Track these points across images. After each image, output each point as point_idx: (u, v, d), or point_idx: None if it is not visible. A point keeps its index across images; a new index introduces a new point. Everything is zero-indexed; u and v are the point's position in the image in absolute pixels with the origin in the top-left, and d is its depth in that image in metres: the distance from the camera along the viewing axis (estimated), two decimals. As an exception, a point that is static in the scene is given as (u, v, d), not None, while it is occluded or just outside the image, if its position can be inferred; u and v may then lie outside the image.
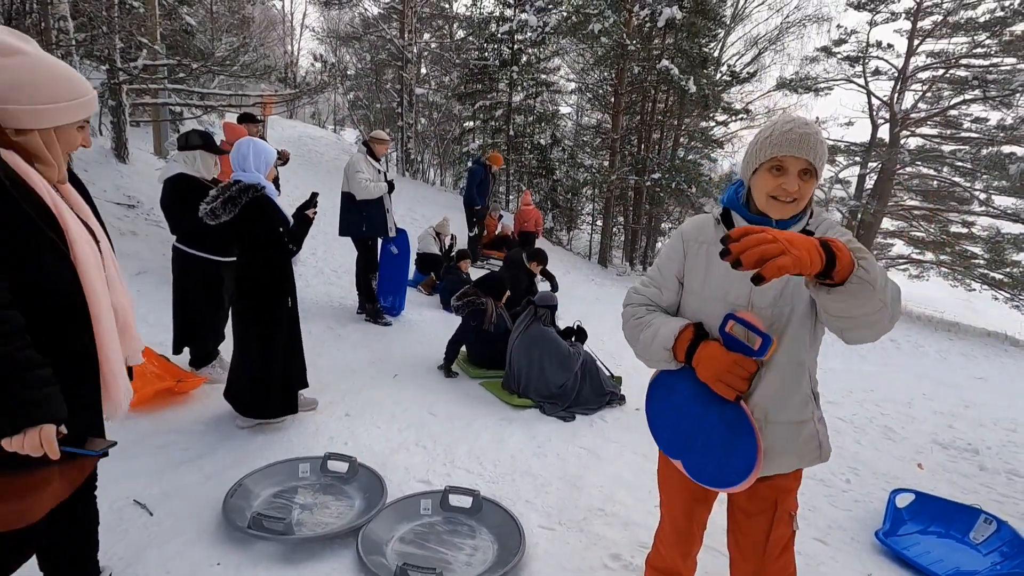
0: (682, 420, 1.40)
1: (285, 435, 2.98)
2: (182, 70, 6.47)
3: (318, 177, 11.81)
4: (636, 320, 1.49)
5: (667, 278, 1.48)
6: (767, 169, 1.28)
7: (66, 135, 1.24)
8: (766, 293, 1.30)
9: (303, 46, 27.37)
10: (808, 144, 1.23)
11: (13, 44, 1.13)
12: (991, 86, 15.92)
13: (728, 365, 1.26)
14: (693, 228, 1.46)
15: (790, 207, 1.28)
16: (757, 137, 1.32)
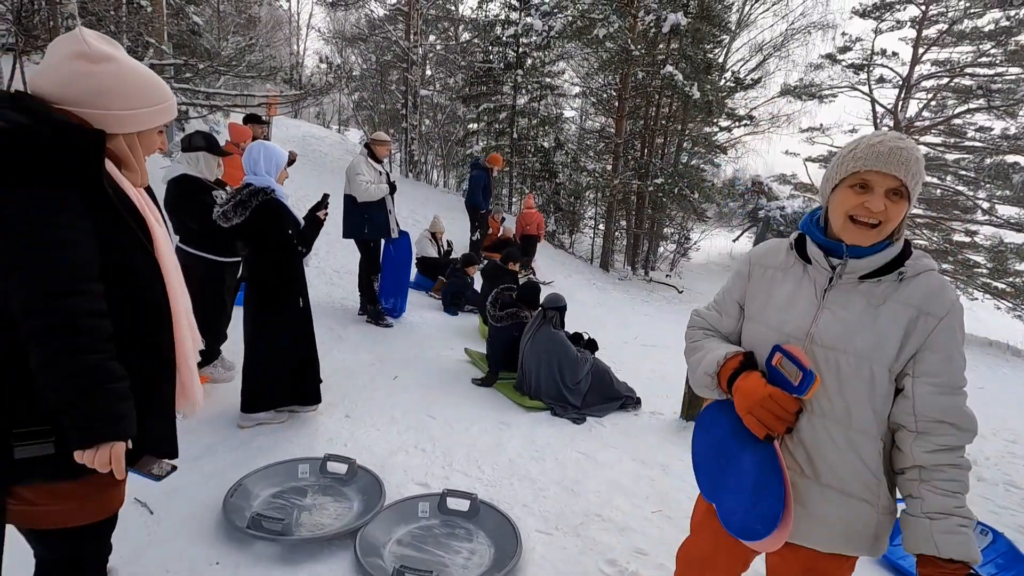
0: (719, 457, 1.28)
1: (285, 436, 3.00)
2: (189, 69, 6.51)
3: (322, 177, 11.84)
4: (691, 344, 1.41)
5: (728, 303, 1.39)
6: (849, 186, 1.13)
7: (148, 139, 1.26)
8: (829, 330, 1.16)
9: (309, 46, 27.40)
10: (899, 159, 1.07)
11: (104, 50, 1.14)
12: (996, 96, 15.92)
13: (762, 398, 1.13)
14: (763, 251, 1.36)
15: (872, 232, 1.11)
16: (840, 151, 1.18)
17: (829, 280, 1.19)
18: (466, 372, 4.47)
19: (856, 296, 1.17)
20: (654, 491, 2.96)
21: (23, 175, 1.00)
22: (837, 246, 1.17)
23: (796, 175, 20.37)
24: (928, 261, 1.18)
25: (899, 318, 1.12)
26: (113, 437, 1.08)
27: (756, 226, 20.77)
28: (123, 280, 1.15)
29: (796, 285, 1.25)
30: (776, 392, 1.12)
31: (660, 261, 16.72)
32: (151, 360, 1.21)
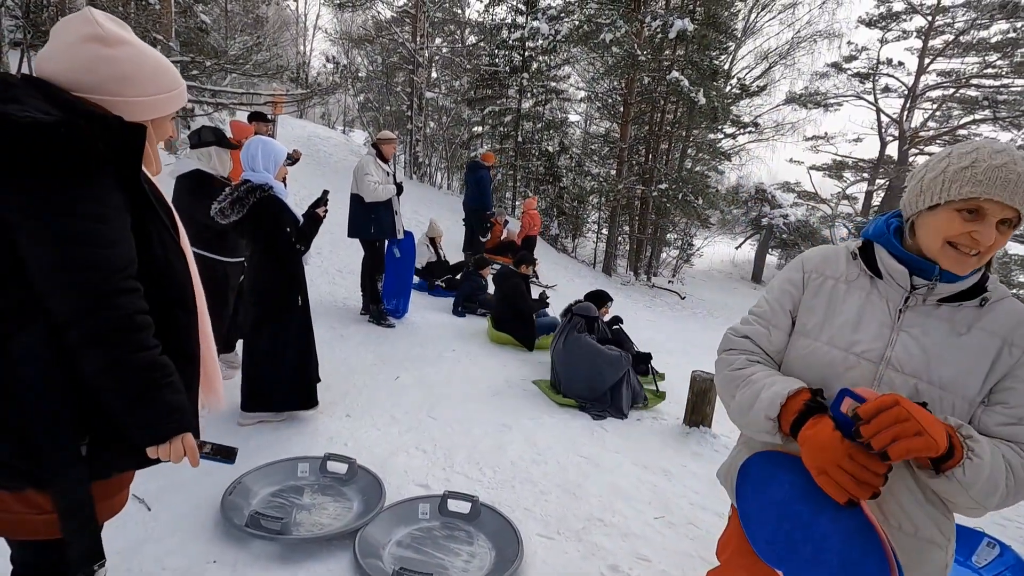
0: (783, 521, 1.05)
1: (285, 434, 2.97)
2: (196, 67, 6.52)
3: (325, 177, 11.86)
4: (733, 372, 1.17)
5: (779, 314, 1.19)
6: (956, 209, 0.98)
7: (162, 126, 1.23)
8: (910, 356, 1.03)
9: (315, 47, 27.51)
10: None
11: (119, 33, 1.10)
12: (1001, 107, 15.92)
13: (839, 457, 0.92)
14: (819, 258, 1.20)
15: (973, 260, 0.99)
16: (946, 163, 1.01)
17: (904, 299, 1.07)
18: (467, 373, 4.45)
19: (936, 320, 1.05)
20: (656, 497, 2.93)
21: (68, 171, 0.96)
22: (927, 266, 1.03)
23: (800, 183, 20.39)
24: (1003, 285, 1.08)
25: (987, 349, 1.01)
26: (184, 428, 1.10)
27: (759, 234, 20.78)
28: (160, 275, 1.13)
29: (864, 301, 1.11)
30: (857, 452, 0.91)
31: (663, 267, 16.69)
32: (182, 355, 1.19)
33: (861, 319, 1.09)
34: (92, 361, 1.00)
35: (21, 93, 0.97)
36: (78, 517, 1.08)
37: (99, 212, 1.00)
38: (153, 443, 1.08)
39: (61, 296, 0.98)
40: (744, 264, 21.75)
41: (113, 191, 1.03)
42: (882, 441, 0.86)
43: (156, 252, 1.13)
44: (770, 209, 19.67)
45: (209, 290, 3.46)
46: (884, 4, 17.63)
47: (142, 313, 1.05)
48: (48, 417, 1.01)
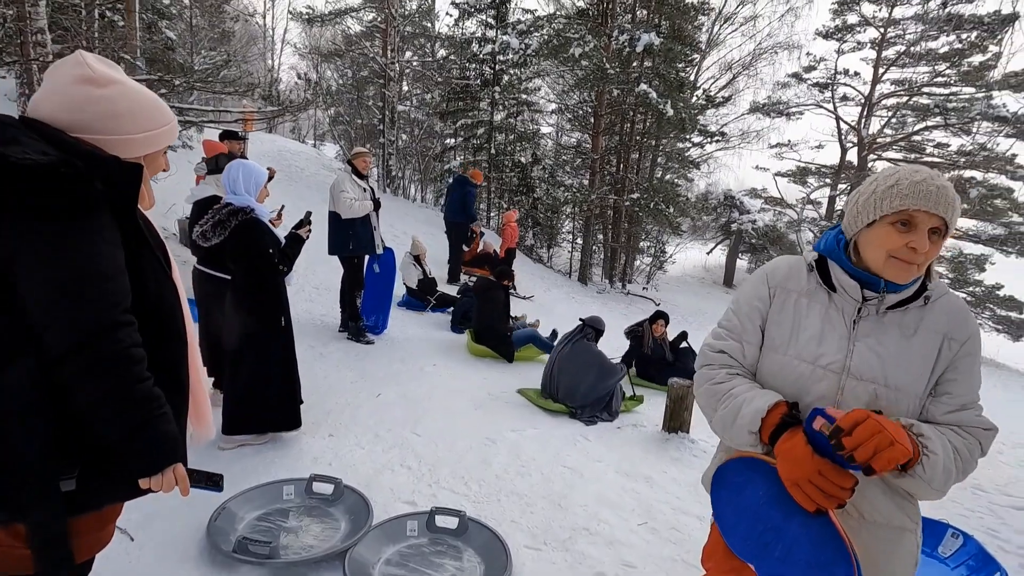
0: (756, 523, 1.12)
1: (268, 457, 2.95)
2: (163, 85, 6.43)
3: (297, 192, 11.75)
4: (714, 386, 1.23)
5: (750, 330, 1.24)
6: (891, 223, 1.08)
7: (155, 161, 1.25)
8: (867, 364, 1.12)
9: (284, 61, 27.24)
10: (946, 199, 1.05)
11: (108, 73, 1.13)
12: (951, 113, 16.68)
13: (810, 472, 1.00)
14: (783, 273, 1.25)
15: (914, 269, 1.09)
16: (874, 185, 1.12)
17: (857, 311, 1.16)
18: (449, 388, 4.46)
19: (887, 327, 1.14)
20: (639, 504, 3.00)
21: (67, 211, 0.99)
22: (874, 280, 1.13)
23: (766, 189, 20.95)
24: (942, 282, 1.19)
25: (930, 347, 1.12)
26: (175, 459, 1.12)
27: (729, 239, 21.27)
28: (154, 308, 1.16)
29: (824, 314, 1.18)
30: (826, 467, 0.99)
31: (637, 274, 16.95)
32: (174, 385, 1.22)
33: (823, 333, 1.17)
34: (90, 393, 1.02)
35: (19, 134, 1.00)
36: (52, 553, 1.08)
37: (96, 248, 1.02)
38: (147, 474, 1.09)
39: (58, 330, 0.99)
40: (716, 269, 22.21)
41: (109, 227, 1.06)
42: (865, 454, 0.93)
43: (149, 286, 1.15)
44: (739, 215, 20.17)
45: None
46: (839, 17, 18.37)
47: (137, 346, 1.07)
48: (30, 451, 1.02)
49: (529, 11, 15.20)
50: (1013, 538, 3.23)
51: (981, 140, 16.54)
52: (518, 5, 15.02)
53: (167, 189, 6.88)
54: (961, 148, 17.21)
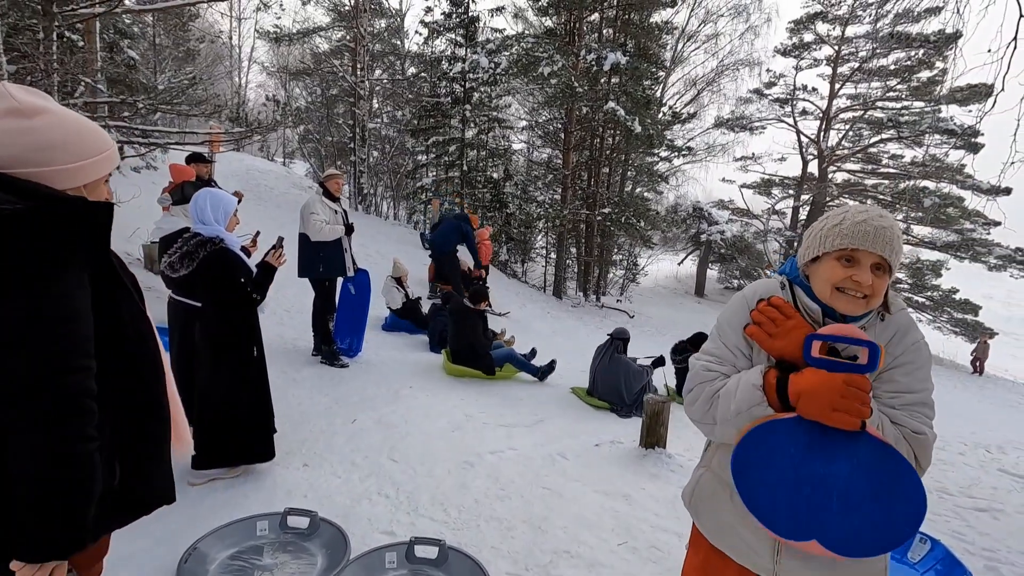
0: (800, 487, 1.07)
1: (240, 491, 2.87)
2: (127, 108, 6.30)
3: (267, 212, 11.59)
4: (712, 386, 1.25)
5: (739, 357, 1.28)
6: (835, 258, 1.16)
7: (96, 190, 1.19)
8: None
9: (251, 79, 26.99)
10: (884, 239, 1.12)
11: (35, 103, 1.08)
12: (904, 127, 17.46)
13: (840, 387, 1.01)
14: (761, 294, 1.30)
15: (862, 302, 1.14)
16: (824, 223, 1.21)
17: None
18: (426, 410, 4.42)
19: None
20: (618, 523, 3.00)
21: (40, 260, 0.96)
22: (830, 310, 1.18)
23: (733, 201, 21.53)
24: (901, 303, 1.25)
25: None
26: (70, 554, 1.01)
27: (699, 250, 21.73)
28: (131, 343, 1.14)
29: None
30: (848, 377, 1.02)
31: (610, 287, 17.14)
32: (156, 419, 1.21)
33: None
34: (22, 442, 0.95)
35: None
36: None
37: (63, 290, 0.99)
38: (31, 557, 0.97)
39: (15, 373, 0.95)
40: (687, 279, 22.62)
41: (78, 268, 1.03)
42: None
43: (125, 321, 1.13)
44: (707, 226, 20.65)
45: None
46: (796, 35, 19.15)
47: (92, 397, 1.02)
48: None
49: (498, 30, 15.42)
50: (977, 540, 3.33)
51: (933, 151, 17.34)
52: (487, 24, 15.23)
53: (131, 214, 6.72)
54: (914, 159, 18.01)
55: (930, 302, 17.48)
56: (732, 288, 22.28)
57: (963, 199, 16.74)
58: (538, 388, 5.67)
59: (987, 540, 3.33)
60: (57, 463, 0.97)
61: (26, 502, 0.97)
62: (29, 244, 0.95)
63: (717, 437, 1.28)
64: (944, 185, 17.05)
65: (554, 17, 14.46)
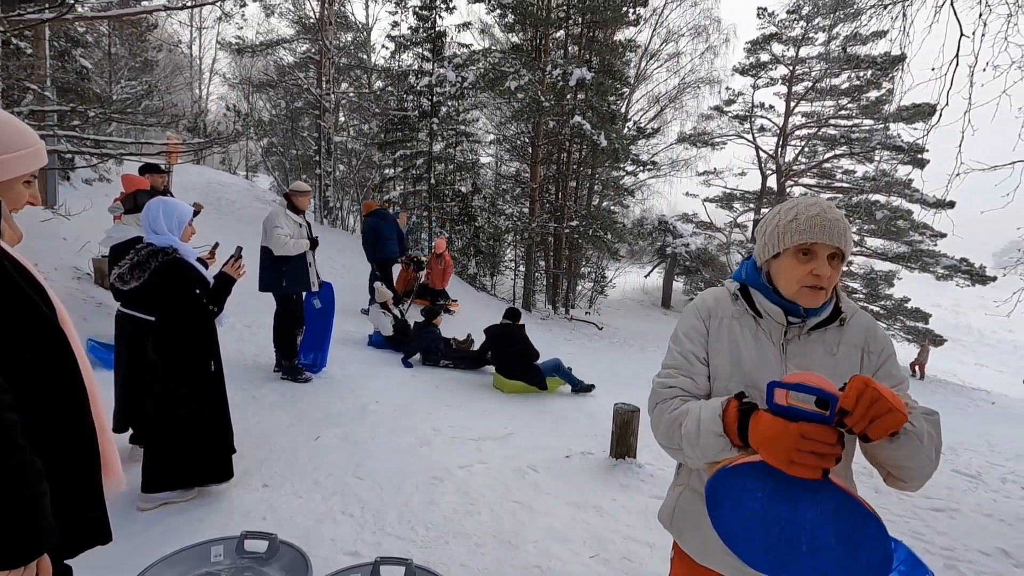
0: (771, 526, 1.06)
1: (194, 515, 2.72)
2: (77, 116, 6.04)
3: (229, 226, 11.27)
4: (671, 414, 1.21)
5: (695, 363, 1.27)
6: (793, 254, 1.20)
7: (11, 191, 1.09)
8: None
9: (212, 91, 26.39)
10: (838, 230, 1.17)
11: None
12: (855, 143, 18.26)
13: (795, 439, 0.96)
14: (711, 303, 1.31)
15: (822, 293, 1.19)
16: (777, 219, 1.23)
17: (784, 334, 1.23)
18: (394, 425, 4.31)
19: (812, 345, 1.22)
20: (590, 535, 2.97)
21: None
22: (794, 307, 1.21)
23: (697, 214, 22.05)
24: (851, 301, 1.29)
25: (852, 360, 1.22)
26: (44, 549, 0.97)
27: (665, 262, 22.13)
28: (40, 363, 1.03)
29: (755, 338, 1.25)
30: (806, 428, 0.96)
31: (579, 299, 17.26)
32: (79, 444, 1.10)
33: (760, 357, 1.22)
34: None
35: None
36: None
37: None
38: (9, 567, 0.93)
39: None
40: (654, 291, 22.98)
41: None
42: (860, 426, 0.93)
43: (29, 335, 1.03)
44: (672, 239, 21.07)
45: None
46: (753, 55, 19.88)
47: (9, 408, 0.94)
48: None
49: (465, 45, 15.55)
50: (936, 539, 3.42)
51: (883, 167, 18.16)
52: (453, 39, 15.33)
53: (81, 227, 6.42)
54: (866, 174, 18.83)
55: (884, 311, 18.17)
56: (697, 299, 22.75)
57: (912, 212, 17.55)
58: (508, 400, 5.61)
59: (945, 539, 3.42)
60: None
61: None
62: None
63: (689, 465, 1.25)
64: (894, 199, 17.86)
65: (520, 33, 14.64)
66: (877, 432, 0.93)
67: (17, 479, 0.92)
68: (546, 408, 5.52)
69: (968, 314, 30.08)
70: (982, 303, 27.95)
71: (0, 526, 0.91)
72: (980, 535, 3.44)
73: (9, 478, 0.91)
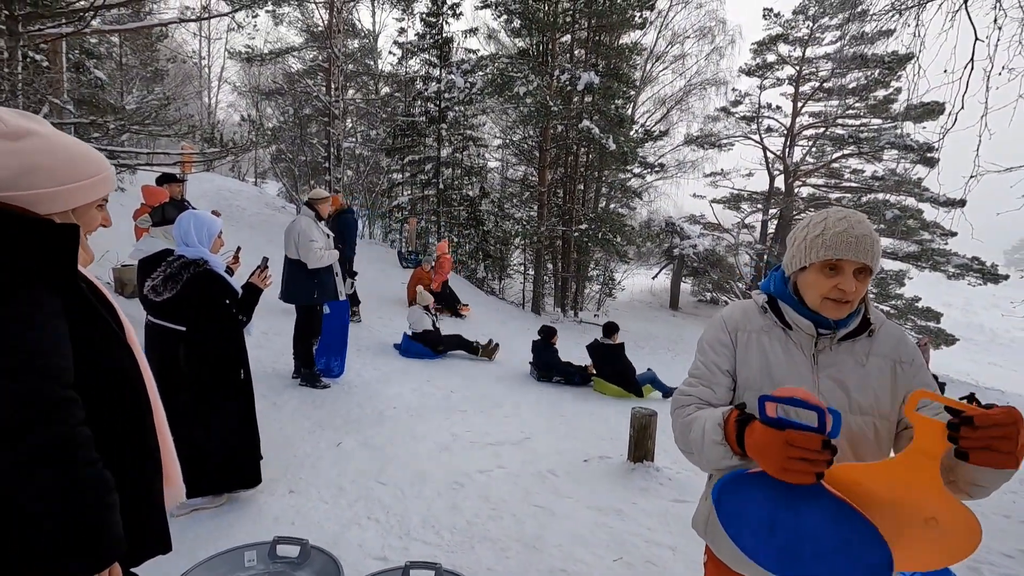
0: (776, 532, 1.09)
1: (225, 520, 2.78)
2: (96, 128, 6.15)
3: (240, 232, 11.38)
4: (685, 420, 1.26)
5: (717, 375, 1.30)
6: (819, 269, 1.20)
7: (87, 215, 1.15)
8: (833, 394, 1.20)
9: (222, 99, 26.64)
10: (865, 247, 1.16)
11: (23, 125, 1.05)
12: (864, 143, 18.17)
13: (782, 447, 0.99)
14: (738, 315, 1.33)
15: (847, 307, 1.19)
16: (806, 231, 1.23)
17: (814, 345, 1.24)
18: (412, 431, 4.36)
19: (843, 356, 1.23)
20: (612, 539, 3.00)
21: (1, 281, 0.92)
22: (821, 319, 1.22)
23: (704, 215, 21.99)
24: (880, 312, 1.29)
25: (884, 370, 1.22)
26: (116, 558, 1.00)
27: (672, 264, 22.09)
28: (111, 380, 1.08)
29: (785, 349, 1.26)
30: (792, 435, 0.99)
31: (587, 302, 17.27)
32: (143, 458, 1.13)
33: (790, 369, 1.23)
34: (31, 483, 0.91)
35: None
36: None
37: (32, 320, 0.94)
38: (90, 572, 0.96)
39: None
40: (661, 293, 22.93)
41: (47, 297, 0.98)
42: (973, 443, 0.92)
43: (102, 355, 1.08)
44: (680, 240, 21.02)
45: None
46: (759, 56, 19.85)
47: (82, 425, 0.99)
48: None
49: (472, 51, 15.63)
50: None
51: (891, 166, 18.07)
52: (460, 45, 15.42)
53: (100, 235, 6.50)
54: (874, 174, 18.74)
55: (895, 310, 18.07)
56: (705, 301, 22.66)
57: (922, 211, 17.45)
58: (522, 405, 5.65)
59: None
60: (70, 497, 0.93)
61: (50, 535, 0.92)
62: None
63: (702, 470, 1.28)
64: (904, 198, 17.76)
65: (527, 38, 14.72)
66: (985, 460, 0.93)
67: (92, 491, 0.96)
68: (561, 412, 5.56)
69: (980, 313, 29.81)
70: (994, 301, 27.71)
71: (77, 535, 0.95)
72: (1001, 537, 3.44)
73: (85, 490, 0.95)
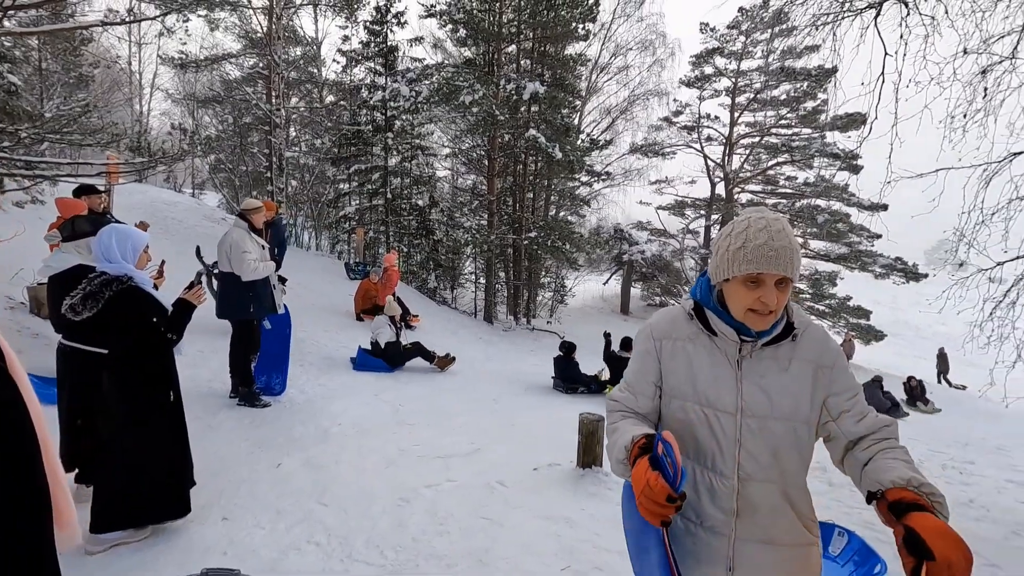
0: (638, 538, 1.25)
1: (149, 555, 2.59)
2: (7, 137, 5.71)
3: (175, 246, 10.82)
4: (610, 426, 1.34)
5: (642, 383, 1.35)
6: (742, 282, 1.20)
7: None
8: (756, 401, 1.23)
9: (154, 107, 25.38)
10: (785, 259, 1.17)
11: None
12: (796, 151, 19.18)
13: (642, 486, 1.06)
14: (664, 325, 1.35)
15: (770, 316, 1.20)
16: (728, 243, 1.23)
17: (738, 351, 1.25)
18: (358, 447, 4.23)
19: (766, 362, 1.24)
20: (561, 547, 2.98)
21: None
22: (745, 328, 1.23)
23: (651, 222, 22.63)
24: (803, 314, 1.30)
25: (805, 376, 1.23)
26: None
27: (622, 269, 22.58)
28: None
29: (710, 357, 1.28)
30: (653, 479, 1.05)
31: (540, 309, 17.38)
32: (31, 493, 1.03)
33: (716, 375, 1.25)
34: None
35: None
36: None
37: None
38: None
39: None
40: (612, 298, 23.38)
41: None
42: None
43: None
44: (628, 246, 21.54)
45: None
46: (698, 68, 20.68)
47: None
48: None
49: (417, 60, 15.54)
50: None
51: (822, 173, 19.15)
52: (406, 54, 15.31)
53: (13, 254, 6.06)
54: (806, 180, 19.80)
55: (829, 309, 19.09)
56: (655, 305, 23.25)
57: (849, 215, 18.55)
58: (473, 416, 5.59)
59: (895, 527, 3.59)
60: None
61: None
62: None
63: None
64: (833, 203, 18.83)
65: (473, 48, 14.78)
66: None
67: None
68: (512, 422, 5.53)
69: (906, 310, 31.85)
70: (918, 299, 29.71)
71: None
72: None
73: None
